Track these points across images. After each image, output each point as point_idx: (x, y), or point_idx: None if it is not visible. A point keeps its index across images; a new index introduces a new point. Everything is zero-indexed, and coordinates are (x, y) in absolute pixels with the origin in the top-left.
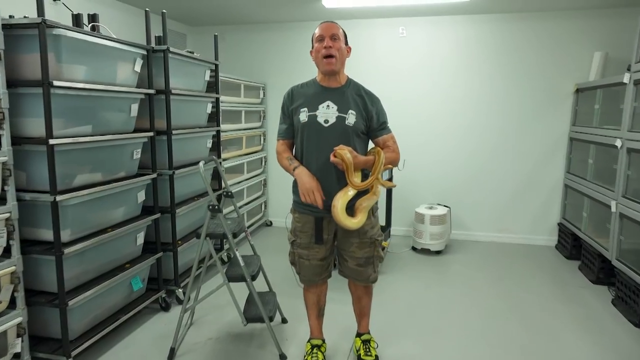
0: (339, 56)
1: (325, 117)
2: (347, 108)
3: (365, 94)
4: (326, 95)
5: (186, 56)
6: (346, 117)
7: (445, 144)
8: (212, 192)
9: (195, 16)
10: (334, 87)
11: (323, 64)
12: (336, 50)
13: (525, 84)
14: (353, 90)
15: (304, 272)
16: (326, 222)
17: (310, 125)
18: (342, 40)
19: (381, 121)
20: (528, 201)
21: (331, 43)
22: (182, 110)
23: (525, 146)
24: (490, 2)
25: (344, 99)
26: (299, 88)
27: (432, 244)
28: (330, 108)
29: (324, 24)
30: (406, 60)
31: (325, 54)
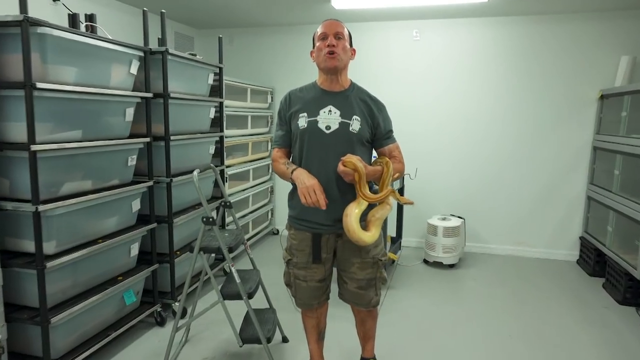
0: (343, 55)
1: (327, 123)
2: (351, 113)
3: (371, 100)
4: (328, 100)
5: (187, 58)
6: (350, 123)
7: (459, 151)
8: (206, 204)
9: (203, 19)
10: (337, 91)
11: (324, 59)
12: (340, 49)
13: (544, 89)
14: (357, 94)
15: (301, 294)
16: (325, 240)
17: (310, 131)
18: (346, 40)
19: (387, 129)
20: (547, 213)
21: (335, 42)
22: (183, 114)
23: (545, 155)
24: (509, 4)
25: (348, 104)
26: (298, 92)
27: (445, 257)
28: (333, 113)
29: (327, 21)
30: (420, 64)
31: (329, 51)
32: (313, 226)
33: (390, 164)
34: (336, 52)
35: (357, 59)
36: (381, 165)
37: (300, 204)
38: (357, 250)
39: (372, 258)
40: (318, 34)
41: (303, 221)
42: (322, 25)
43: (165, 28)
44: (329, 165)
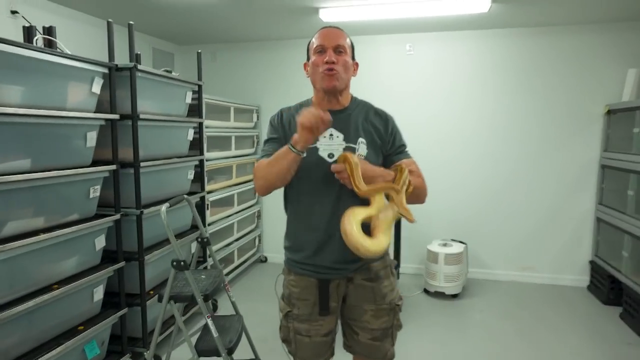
0: (344, 73)
1: (329, 150)
2: (355, 135)
3: (376, 115)
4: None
5: (161, 75)
6: (356, 147)
7: (458, 171)
8: (176, 244)
9: (183, 34)
10: (337, 110)
11: (322, 78)
12: (341, 66)
13: (547, 105)
14: (360, 111)
15: (302, 352)
16: (334, 286)
17: (310, 161)
18: (348, 53)
19: (399, 144)
20: (554, 236)
21: (335, 57)
22: (156, 137)
23: (549, 174)
24: (509, 15)
25: (351, 124)
26: (291, 112)
27: (447, 286)
28: (335, 138)
29: (325, 30)
30: (414, 80)
31: (328, 67)
32: (319, 270)
33: (406, 169)
34: (336, 70)
35: None
36: (395, 171)
37: (302, 243)
38: (370, 295)
39: (388, 304)
40: (314, 46)
41: (307, 265)
42: (318, 34)
43: (133, 41)
44: (336, 200)
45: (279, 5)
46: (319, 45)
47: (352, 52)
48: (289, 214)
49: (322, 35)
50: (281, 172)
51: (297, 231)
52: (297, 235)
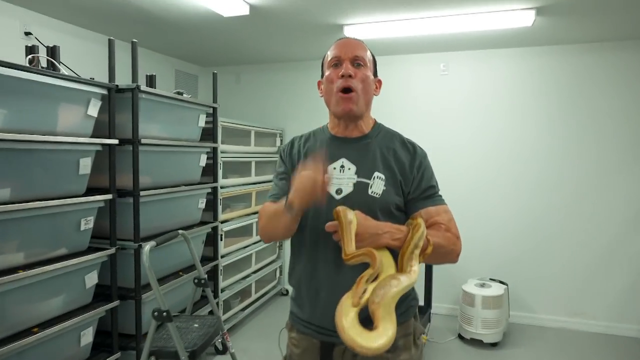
0: (363, 91)
1: (337, 185)
2: (372, 169)
3: (403, 147)
4: (340, 150)
5: (169, 97)
6: (370, 183)
7: (497, 201)
8: (158, 290)
9: (207, 56)
10: (353, 138)
11: (337, 101)
12: (359, 82)
13: (603, 131)
14: (383, 140)
15: None
16: (339, 352)
17: None
18: (369, 67)
19: (426, 186)
20: (610, 278)
21: (352, 70)
22: (162, 163)
23: (607, 207)
24: (555, 30)
25: (368, 155)
26: (304, 141)
27: (485, 334)
28: (346, 170)
29: (342, 40)
30: (448, 102)
31: (341, 86)
32: (322, 332)
33: (422, 225)
34: (353, 90)
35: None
36: (408, 227)
37: (304, 297)
38: None
39: None
40: (328, 59)
41: (309, 324)
42: (334, 45)
43: (136, 61)
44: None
45: (302, 22)
46: (335, 57)
47: (374, 68)
48: (292, 254)
49: (339, 46)
50: (280, 231)
51: (300, 281)
52: (300, 287)
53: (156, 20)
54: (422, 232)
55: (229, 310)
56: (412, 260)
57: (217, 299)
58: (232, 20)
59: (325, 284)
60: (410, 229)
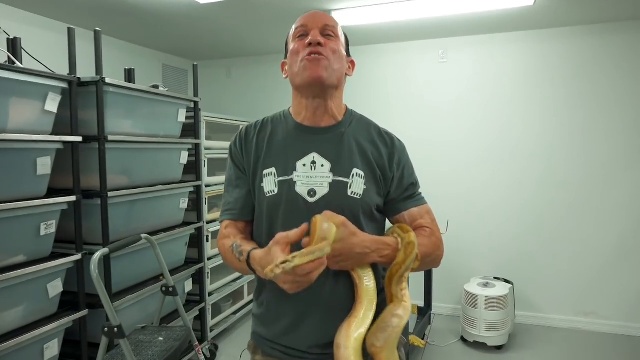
0: (335, 61)
1: (310, 186)
2: (349, 165)
3: (380, 137)
4: (309, 142)
5: (141, 90)
6: (348, 182)
7: (502, 198)
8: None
9: (196, 49)
10: (324, 127)
11: (303, 67)
12: (330, 52)
13: (613, 119)
14: (358, 129)
15: None
16: None
17: (283, 201)
18: (340, 41)
19: (407, 184)
20: (622, 276)
21: (321, 39)
22: (138, 161)
23: (617, 201)
24: (558, 10)
25: (344, 149)
26: (259, 129)
27: (489, 336)
28: (318, 167)
29: (309, 12)
30: (448, 91)
31: (312, 51)
32: (292, 353)
33: (415, 243)
34: (323, 54)
35: (368, 89)
36: (395, 236)
37: (272, 315)
38: None
39: None
40: (293, 31)
41: (276, 345)
42: (299, 18)
43: (100, 51)
44: None
45: (285, 9)
46: (301, 26)
47: (346, 47)
48: None
49: (305, 16)
50: (243, 272)
51: (268, 296)
52: (267, 302)
53: (132, 10)
54: (415, 253)
55: (219, 314)
56: (403, 284)
57: (204, 304)
58: (210, 8)
59: (297, 298)
60: (402, 247)
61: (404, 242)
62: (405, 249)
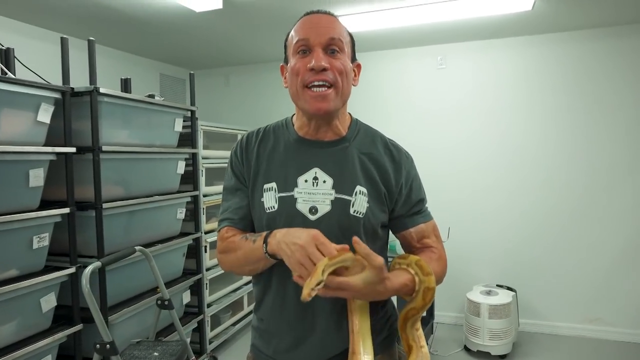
0: (342, 85)
1: (311, 202)
2: (352, 182)
3: (386, 151)
4: (311, 157)
5: (137, 100)
6: (351, 200)
7: (503, 202)
8: (100, 318)
9: (194, 58)
10: (327, 142)
11: (307, 100)
12: (336, 75)
13: (615, 122)
14: (363, 144)
15: None
16: None
17: (284, 218)
18: (346, 51)
19: (416, 200)
20: (627, 281)
21: (326, 60)
22: (134, 172)
23: (622, 205)
24: (557, 14)
25: (347, 165)
26: (260, 138)
27: (492, 345)
28: (320, 183)
29: (309, 17)
30: (447, 98)
31: (314, 79)
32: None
33: (434, 281)
34: (329, 85)
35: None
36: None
37: (273, 330)
38: None
39: None
40: (293, 41)
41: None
42: (300, 23)
43: (94, 60)
44: None
45: (281, 16)
46: (302, 40)
47: (352, 50)
48: (256, 286)
49: (306, 25)
50: (254, 270)
51: (267, 311)
52: (267, 317)
53: (128, 20)
54: (432, 295)
55: (218, 325)
56: (417, 324)
57: (203, 315)
58: (207, 16)
59: (298, 315)
60: (421, 292)
61: (423, 286)
62: (424, 295)
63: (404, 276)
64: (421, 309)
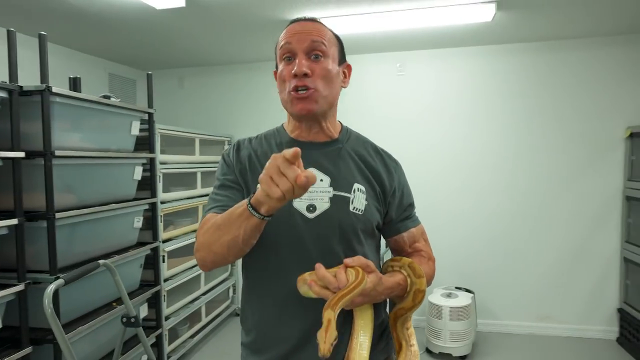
0: (325, 88)
1: (310, 201)
2: (350, 180)
3: (377, 155)
4: (307, 157)
5: (92, 101)
6: (350, 197)
7: (461, 208)
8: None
9: (146, 58)
10: (321, 143)
11: (291, 101)
12: (319, 79)
13: (562, 130)
14: (355, 147)
15: None
16: None
17: (280, 217)
18: (331, 54)
19: (407, 204)
20: (575, 281)
21: (307, 66)
22: (88, 178)
23: (568, 209)
24: (514, 26)
25: (342, 163)
26: (253, 145)
27: (454, 347)
28: (317, 182)
29: (294, 24)
30: (406, 105)
31: (298, 84)
32: None
33: (424, 284)
34: (310, 88)
35: None
36: (398, 271)
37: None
38: None
39: None
40: (278, 52)
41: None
42: (285, 30)
43: (45, 57)
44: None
45: (245, 17)
46: (286, 45)
47: (339, 53)
48: (247, 290)
49: (289, 33)
50: (236, 243)
51: (259, 321)
52: (260, 328)
53: (76, 15)
54: (422, 297)
55: (176, 339)
56: (408, 322)
57: (161, 330)
58: (167, 14)
59: (296, 322)
60: (412, 293)
61: (414, 288)
62: (414, 296)
63: (398, 276)
64: (410, 310)
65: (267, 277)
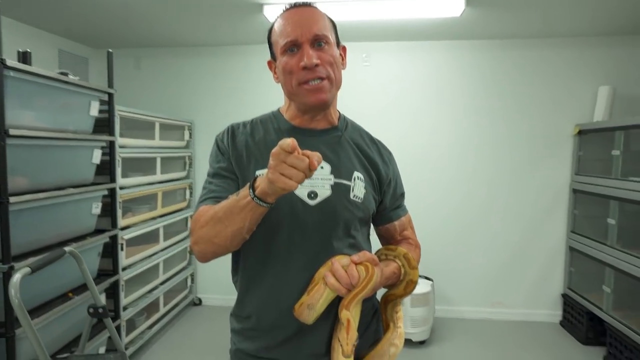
0: (333, 74)
1: (310, 187)
2: (350, 168)
3: (373, 145)
4: (307, 144)
5: (48, 77)
6: (350, 185)
7: (422, 200)
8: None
9: (99, 35)
10: (321, 130)
11: (305, 93)
12: (327, 67)
13: (519, 124)
14: (353, 136)
15: None
16: None
17: (280, 204)
18: (332, 41)
19: (399, 193)
20: (524, 268)
21: (317, 57)
22: (43, 161)
23: (520, 200)
24: (481, 23)
25: (342, 151)
26: (249, 130)
27: (414, 332)
28: (319, 169)
29: (292, 12)
30: (372, 97)
31: (309, 77)
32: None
33: (417, 275)
34: (323, 78)
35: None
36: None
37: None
38: None
39: None
40: (280, 42)
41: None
42: (283, 20)
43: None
44: (319, 263)
45: (212, 1)
46: (289, 41)
47: (335, 35)
48: (243, 279)
49: (290, 23)
50: (240, 233)
51: (257, 308)
52: (257, 314)
53: None
54: (413, 288)
55: (133, 330)
56: (398, 306)
57: (119, 320)
58: None
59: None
60: (404, 282)
61: (407, 278)
62: (406, 286)
63: (392, 265)
64: (400, 297)
65: (268, 264)
